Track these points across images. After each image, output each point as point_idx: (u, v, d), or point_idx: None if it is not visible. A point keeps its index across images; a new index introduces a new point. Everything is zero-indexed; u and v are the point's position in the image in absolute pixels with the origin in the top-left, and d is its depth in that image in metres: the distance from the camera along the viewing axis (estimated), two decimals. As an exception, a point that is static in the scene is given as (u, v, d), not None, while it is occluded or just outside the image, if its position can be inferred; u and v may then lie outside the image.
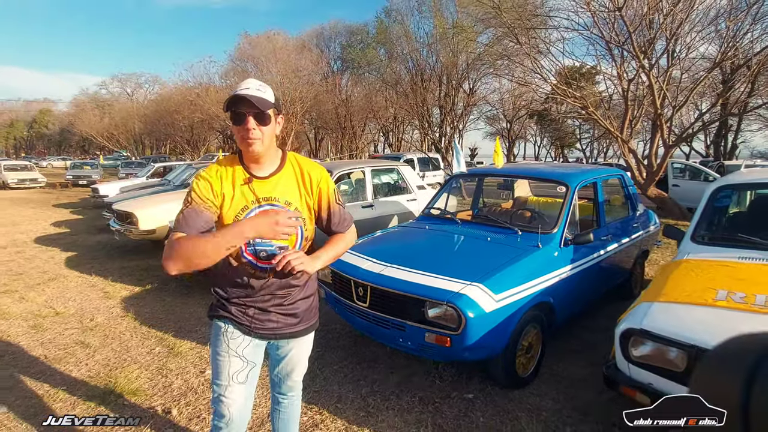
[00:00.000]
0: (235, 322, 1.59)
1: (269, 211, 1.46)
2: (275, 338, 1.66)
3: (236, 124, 1.44)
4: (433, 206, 4.27)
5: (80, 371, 3.14)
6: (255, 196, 1.51)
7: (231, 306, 1.60)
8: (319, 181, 1.62)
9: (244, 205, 1.50)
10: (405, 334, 2.71)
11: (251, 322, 1.60)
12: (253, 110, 1.42)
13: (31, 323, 4.02)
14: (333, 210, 1.65)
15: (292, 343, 1.72)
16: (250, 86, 1.45)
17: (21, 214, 11.76)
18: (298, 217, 1.48)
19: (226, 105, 1.44)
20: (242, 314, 1.60)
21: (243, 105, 1.42)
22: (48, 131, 65.57)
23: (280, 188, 1.54)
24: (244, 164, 1.54)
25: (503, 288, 2.67)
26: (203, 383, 2.96)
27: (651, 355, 2.16)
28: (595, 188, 3.94)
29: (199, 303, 4.53)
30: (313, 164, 1.65)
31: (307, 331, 1.74)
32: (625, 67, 10.80)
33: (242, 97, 1.41)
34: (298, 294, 1.65)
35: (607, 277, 3.92)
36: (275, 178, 1.55)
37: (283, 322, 1.64)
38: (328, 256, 1.62)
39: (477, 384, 2.95)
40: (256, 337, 1.62)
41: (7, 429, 2.42)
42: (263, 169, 1.55)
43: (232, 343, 1.58)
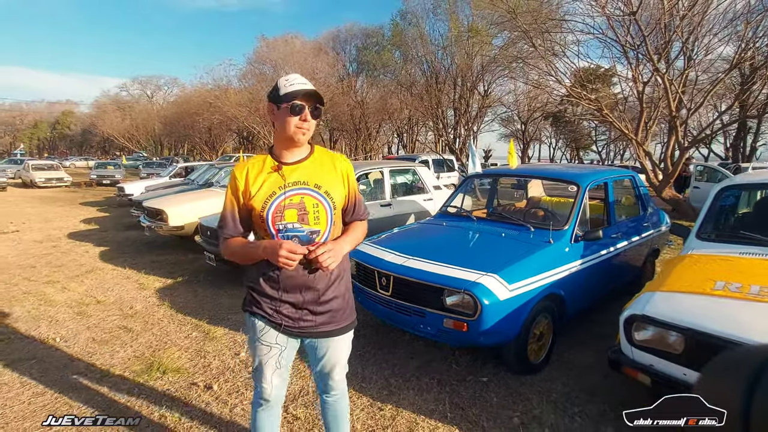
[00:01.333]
0: (267, 319, 1.65)
1: (277, 243, 1.49)
2: (308, 337, 1.70)
3: (294, 114, 1.53)
4: (450, 204, 4.49)
5: (126, 352, 3.44)
6: (284, 182, 1.57)
7: (263, 303, 1.65)
8: (347, 171, 1.70)
9: (272, 192, 1.56)
10: (425, 320, 2.95)
11: (283, 320, 1.64)
12: (311, 104, 1.56)
13: (75, 310, 4.35)
14: (358, 199, 1.75)
15: (328, 342, 1.72)
16: (306, 82, 1.57)
17: (51, 211, 12.29)
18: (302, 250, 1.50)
19: (287, 96, 1.53)
20: (274, 312, 1.64)
21: (304, 98, 1.54)
22: (70, 132, 67.34)
23: (309, 172, 1.61)
24: (274, 155, 1.64)
25: (516, 279, 2.89)
26: (238, 364, 3.23)
27: (652, 339, 2.36)
28: (605, 188, 4.12)
29: (229, 294, 4.82)
30: (337, 154, 1.74)
31: (341, 331, 1.72)
32: (641, 69, 10.87)
33: (309, 91, 1.54)
34: (331, 292, 1.66)
35: (617, 274, 4.10)
36: (305, 164, 1.62)
37: (317, 320, 1.66)
38: (352, 240, 1.70)
39: (491, 369, 3.17)
40: (288, 335, 1.68)
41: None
42: (293, 158, 1.62)
43: (264, 337, 1.66)
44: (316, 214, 1.58)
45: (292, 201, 1.57)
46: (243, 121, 24.74)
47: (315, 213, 1.58)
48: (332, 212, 1.61)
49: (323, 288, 1.64)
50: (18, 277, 5.53)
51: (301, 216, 1.57)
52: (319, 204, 1.59)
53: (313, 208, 1.58)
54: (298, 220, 1.57)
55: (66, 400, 2.74)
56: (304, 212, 1.57)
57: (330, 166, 1.66)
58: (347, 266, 1.78)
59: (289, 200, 1.57)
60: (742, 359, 0.76)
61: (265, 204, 1.56)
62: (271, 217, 1.56)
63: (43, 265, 6.16)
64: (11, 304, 4.49)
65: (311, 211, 1.58)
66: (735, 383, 0.68)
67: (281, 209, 1.56)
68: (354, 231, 1.74)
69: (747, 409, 0.63)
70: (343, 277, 1.73)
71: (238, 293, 4.84)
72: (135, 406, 2.69)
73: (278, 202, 1.56)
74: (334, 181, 1.64)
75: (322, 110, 1.62)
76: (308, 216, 1.57)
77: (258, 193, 1.57)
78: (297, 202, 1.57)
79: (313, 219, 1.58)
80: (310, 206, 1.58)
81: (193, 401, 2.75)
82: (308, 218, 1.58)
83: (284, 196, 1.56)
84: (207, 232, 5.47)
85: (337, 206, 1.64)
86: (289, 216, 1.56)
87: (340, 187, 1.66)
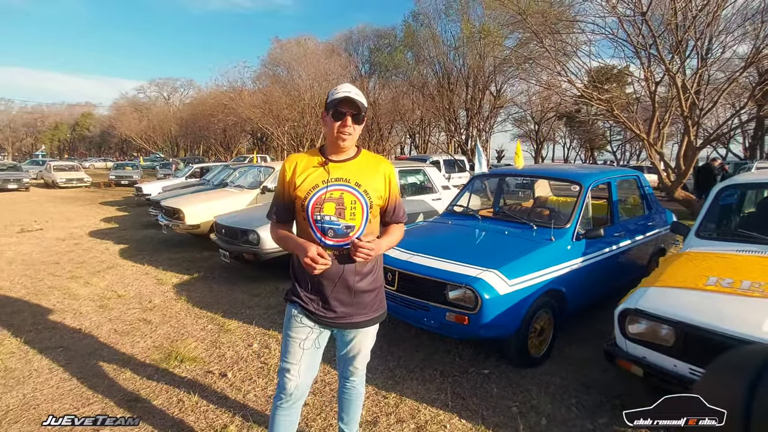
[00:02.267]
0: (304, 308, 1.76)
1: (306, 246, 1.62)
2: (338, 327, 1.80)
3: (336, 120, 1.67)
4: (456, 204, 4.61)
5: (146, 342, 3.63)
6: (327, 176, 1.69)
7: (301, 291, 1.77)
8: (390, 173, 1.80)
9: (315, 184, 1.69)
10: (428, 313, 3.08)
11: (316, 308, 1.75)
12: (352, 111, 1.67)
13: (98, 303, 4.58)
14: (397, 202, 1.85)
15: (355, 332, 1.83)
16: (351, 90, 1.68)
17: (72, 210, 12.69)
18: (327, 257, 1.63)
19: (332, 103, 1.67)
20: (310, 300, 1.75)
21: (346, 105, 1.66)
22: (89, 133, 68.90)
23: (352, 171, 1.72)
24: (324, 153, 1.77)
25: (517, 274, 3.00)
26: (251, 354, 3.40)
27: (645, 332, 2.46)
28: (609, 188, 4.20)
29: (242, 290, 5.00)
30: (382, 158, 1.86)
31: (368, 323, 1.83)
32: (652, 69, 10.81)
33: (348, 99, 1.65)
34: (362, 285, 1.76)
35: (620, 272, 4.17)
36: (350, 163, 1.75)
37: (346, 311, 1.76)
38: (388, 242, 1.82)
39: (493, 362, 3.28)
40: (320, 324, 1.78)
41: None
42: (340, 157, 1.75)
43: (300, 320, 1.77)
44: (353, 210, 1.69)
45: (332, 195, 1.68)
46: (257, 122, 25.11)
47: (352, 209, 1.69)
48: (368, 210, 1.71)
49: (354, 282, 1.74)
50: (43, 272, 5.80)
51: (339, 210, 1.68)
52: (357, 201, 1.69)
53: (351, 205, 1.69)
54: (335, 213, 1.68)
55: (90, 385, 2.93)
56: (342, 207, 1.68)
57: (373, 168, 1.77)
58: (381, 263, 1.90)
59: (329, 194, 1.68)
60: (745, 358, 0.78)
61: (308, 195, 1.69)
62: (311, 207, 1.68)
63: (66, 261, 6.43)
64: (38, 298, 4.73)
65: (348, 206, 1.69)
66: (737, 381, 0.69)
67: (321, 201, 1.68)
68: (392, 233, 1.85)
69: (748, 407, 0.64)
70: (376, 273, 1.84)
71: (252, 289, 5.02)
72: (155, 390, 2.87)
73: (320, 194, 1.68)
74: (375, 182, 1.74)
75: (363, 117, 1.72)
76: (345, 211, 1.68)
77: (303, 184, 1.71)
78: (337, 197, 1.68)
79: (349, 214, 1.69)
80: (348, 202, 1.69)
81: (209, 387, 2.92)
82: (345, 213, 1.68)
83: (326, 190, 1.68)
84: (222, 231, 5.67)
85: (375, 205, 1.74)
86: (328, 209, 1.68)
87: (380, 188, 1.76)
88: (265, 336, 3.74)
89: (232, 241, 5.40)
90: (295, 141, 25.03)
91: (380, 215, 1.85)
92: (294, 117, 23.42)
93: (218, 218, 5.91)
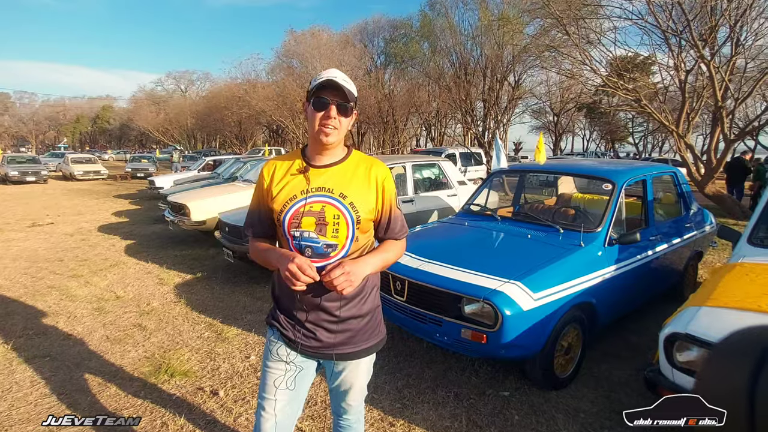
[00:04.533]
0: (283, 333, 1.50)
1: (291, 255, 1.34)
2: (323, 358, 1.52)
3: (317, 110, 1.37)
4: (473, 202, 4.25)
5: (137, 351, 3.39)
6: (307, 186, 1.42)
7: (281, 315, 1.52)
8: (384, 179, 1.49)
9: (292, 195, 1.42)
10: (441, 329, 2.75)
11: (296, 335, 1.48)
12: (337, 99, 1.37)
13: (94, 305, 4.37)
14: (394, 214, 1.52)
15: (344, 364, 1.54)
16: (337, 75, 1.38)
17: (85, 204, 12.67)
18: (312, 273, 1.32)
19: (312, 90, 1.38)
20: (290, 326, 1.50)
21: (329, 92, 1.37)
22: (109, 126, 69.78)
23: (336, 179, 1.43)
24: (306, 155, 1.48)
25: (542, 287, 2.64)
26: (248, 368, 3.12)
27: (696, 360, 2.09)
28: (644, 186, 3.80)
29: (245, 293, 4.74)
30: (376, 160, 1.53)
31: (359, 355, 1.53)
32: (683, 57, 10.20)
33: (331, 84, 1.36)
34: (348, 311, 1.47)
35: (656, 280, 3.77)
36: (334, 169, 1.45)
37: (330, 341, 1.48)
38: (377, 262, 1.47)
39: (513, 382, 2.94)
40: (302, 354, 1.50)
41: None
42: (323, 160, 1.46)
43: (277, 350, 1.51)
44: (335, 226, 1.41)
45: (312, 208, 1.41)
46: (271, 114, 24.93)
47: (334, 225, 1.41)
48: (354, 226, 1.42)
49: (337, 306, 1.45)
50: (45, 270, 5.64)
51: (319, 226, 1.41)
52: (341, 215, 1.41)
53: (333, 220, 1.40)
54: (315, 230, 1.41)
55: (71, 402, 2.69)
56: (323, 223, 1.41)
57: (363, 175, 1.47)
58: (375, 282, 1.57)
59: (309, 207, 1.41)
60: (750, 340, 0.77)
61: (284, 207, 1.42)
62: (288, 222, 1.42)
63: (70, 258, 6.27)
64: (35, 299, 4.55)
65: (331, 222, 1.41)
66: (742, 363, 0.68)
67: (299, 215, 1.41)
68: (383, 250, 1.52)
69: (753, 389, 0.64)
70: (367, 296, 1.51)
71: (254, 291, 4.76)
72: (139, 410, 2.61)
73: (297, 207, 1.41)
74: (363, 192, 1.45)
75: (351, 108, 1.41)
76: (327, 228, 1.41)
77: (279, 195, 1.44)
78: (317, 211, 1.41)
79: (331, 231, 1.41)
80: (330, 217, 1.40)
81: (197, 407, 2.65)
82: (326, 230, 1.41)
83: (305, 202, 1.41)
84: (226, 228, 5.42)
85: (363, 220, 1.44)
86: (307, 224, 1.41)
87: (370, 199, 1.46)
88: (263, 346, 3.46)
89: (236, 240, 5.14)
90: (310, 133, 24.76)
91: (374, 230, 1.55)
92: (308, 109, 23.13)
93: (222, 215, 5.65)
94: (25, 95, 68.91)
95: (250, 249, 1.57)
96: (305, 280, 1.32)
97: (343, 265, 1.34)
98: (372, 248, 1.55)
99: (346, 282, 1.33)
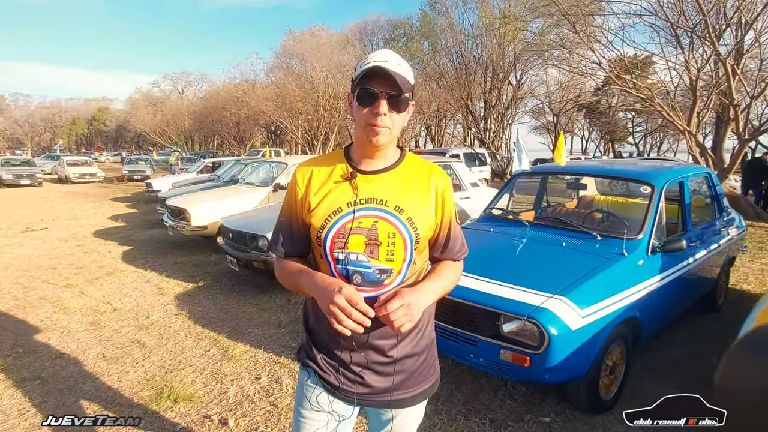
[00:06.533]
0: (321, 377, 1.23)
1: (336, 285, 1.05)
2: (370, 405, 1.25)
3: (363, 104, 1.09)
4: (495, 206, 3.98)
5: (137, 372, 3.10)
6: (354, 196, 1.14)
7: (318, 354, 1.24)
8: (444, 189, 1.22)
9: (337, 207, 1.14)
10: (476, 349, 2.47)
11: (339, 380, 1.21)
12: (389, 90, 1.08)
13: (90, 319, 4.07)
14: (454, 231, 1.25)
15: (394, 412, 1.28)
16: (388, 59, 1.09)
17: (81, 207, 12.34)
18: (363, 310, 1.03)
19: (357, 79, 1.11)
20: (330, 368, 1.22)
21: (378, 82, 1.08)
22: (106, 128, 69.22)
23: (390, 188, 1.16)
24: (350, 158, 1.21)
25: (590, 302, 2.37)
26: (259, 391, 2.84)
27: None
28: (681, 188, 3.54)
29: (251, 303, 4.45)
30: (435, 166, 1.25)
31: (415, 400, 1.26)
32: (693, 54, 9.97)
33: (380, 70, 1.06)
34: (405, 347, 1.20)
35: (695, 288, 3.53)
36: (387, 175, 1.17)
37: (382, 386, 1.20)
38: (438, 289, 1.18)
39: (552, 406, 2.67)
40: (344, 400, 1.23)
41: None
42: (373, 165, 1.18)
43: (317, 397, 1.24)
44: (390, 246, 1.14)
45: (362, 225, 1.14)
46: (270, 115, 24.64)
47: (389, 245, 1.14)
48: (413, 246, 1.16)
49: (392, 345, 1.18)
50: (38, 279, 5.33)
51: (371, 247, 1.13)
52: (397, 234, 1.14)
53: (388, 239, 1.14)
54: (365, 251, 1.14)
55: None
56: (375, 243, 1.13)
57: (422, 183, 1.20)
58: (431, 312, 1.29)
59: (357, 222, 1.13)
60: None
61: (326, 223, 1.15)
62: (330, 241, 1.14)
63: (64, 266, 5.97)
64: (26, 312, 4.25)
65: (384, 242, 1.13)
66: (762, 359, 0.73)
67: (345, 233, 1.13)
68: (442, 275, 1.23)
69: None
70: (423, 329, 1.25)
71: (261, 302, 4.47)
72: (140, 444, 2.33)
73: (343, 222, 1.14)
74: (423, 204, 1.18)
75: (407, 99, 1.12)
76: (379, 248, 1.14)
77: (319, 207, 1.17)
78: (368, 227, 1.14)
79: (385, 253, 1.14)
80: (384, 235, 1.13)
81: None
82: (379, 251, 1.14)
83: (352, 216, 1.13)
84: (229, 234, 5.13)
85: (423, 239, 1.18)
86: (354, 244, 1.13)
87: (430, 214, 1.19)
88: (275, 365, 3.18)
89: (240, 247, 4.85)
90: (309, 135, 24.50)
91: (429, 249, 1.27)
92: (308, 110, 22.88)
93: (225, 220, 5.36)
94: (21, 97, 68.19)
95: (276, 270, 1.28)
96: (357, 318, 1.03)
97: (402, 295, 1.06)
98: (425, 271, 1.27)
99: (405, 317, 1.04)
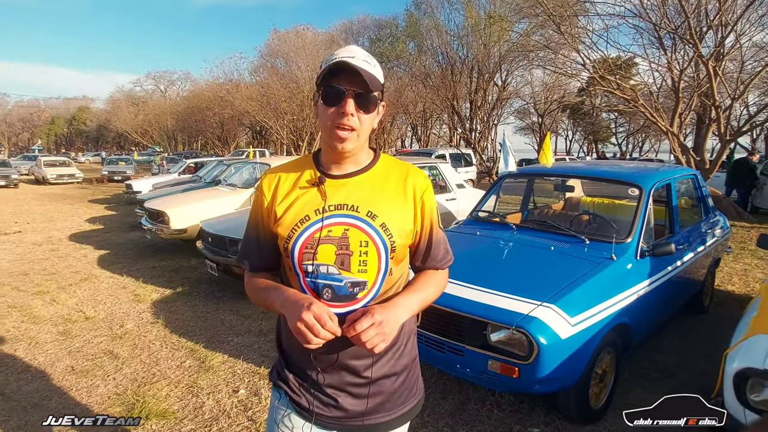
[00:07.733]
0: (292, 399, 1.14)
1: (304, 301, 0.96)
2: (343, 430, 1.15)
3: (328, 104, 1.00)
4: (481, 209, 3.90)
5: (107, 386, 2.94)
6: (323, 203, 1.06)
7: (290, 374, 1.15)
8: (423, 192, 1.12)
9: (304, 215, 1.06)
10: (463, 359, 2.38)
11: (311, 403, 1.11)
12: (355, 88, 0.99)
13: (60, 328, 3.88)
14: (436, 237, 1.14)
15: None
16: (355, 54, 1.01)
17: (58, 209, 11.97)
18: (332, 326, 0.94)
19: (322, 76, 1.02)
20: (303, 391, 1.13)
21: (345, 79, 0.99)
22: (86, 128, 67.74)
23: (362, 193, 1.08)
24: (319, 162, 1.12)
25: (579, 309, 2.30)
26: (236, 405, 2.70)
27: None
28: (668, 190, 3.50)
29: (231, 310, 4.29)
30: (412, 167, 1.16)
31: (395, 424, 1.16)
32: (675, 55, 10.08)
33: (346, 66, 0.98)
34: (382, 367, 1.10)
35: (683, 291, 3.50)
36: (359, 179, 1.09)
37: (357, 409, 1.11)
38: (415, 303, 1.08)
39: (541, 416, 2.59)
40: (317, 424, 1.13)
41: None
42: (343, 169, 1.10)
43: (288, 421, 1.14)
44: (363, 256, 1.04)
45: (331, 233, 1.04)
46: (254, 115, 24.32)
47: (362, 255, 1.04)
48: (388, 256, 1.06)
49: (366, 365, 1.09)
50: (7, 286, 5.09)
51: (341, 258, 1.04)
52: (370, 242, 1.05)
53: (360, 248, 1.04)
54: (335, 262, 1.04)
55: (24, 458, 2.25)
56: (346, 252, 1.04)
57: (397, 186, 1.11)
58: (412, 328, 1.20)
59: (327, 231, 1.04)
60: None
61: (293, 232, 1.06)
62: (298, 252, 1.05)
63: (36, 272, 5.72)
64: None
65: (357, 251, 1.04)
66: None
67: (314, 243, 1.04)
68: (422, 286, 1.13)
69: None
70: (402, 347, 1.15)
71: (241, 309, 4.31)
72: (107, 466, 2.19)
73: (311, 231, 1.05)
74: (398, 209, 1.09)
75: (376, 98, 1.04)
76: (351, 259, 1.04)
77: (285, 215, 1.08)
78: (338, 236, 1.05)
79: (357, 264, 1.04)
80: (356, 244, 1.04)
81: None
82: (350, 262, 1.04)
83: (321, 225, 1.05)
84: (209, 238, 4.97)
85: (399, 246, 1.08)
86: (324, 255, 1.04)
87: (406, 219, 1.10)
88: (254, 376, 3.04)
89: (219, 251, 4.69)
90: (295, 135, 24.24)
91: (409, 258, 1.18)
92: (293, 110, 22.61)
93: (204, 223, 5.20)
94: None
95: (246, 287, 1.18)
96: (325, 337, 0.93)
97: (372, 313, 0.96)
98: (406, 282, 1.17)
99: (378, 336, 0.94)
